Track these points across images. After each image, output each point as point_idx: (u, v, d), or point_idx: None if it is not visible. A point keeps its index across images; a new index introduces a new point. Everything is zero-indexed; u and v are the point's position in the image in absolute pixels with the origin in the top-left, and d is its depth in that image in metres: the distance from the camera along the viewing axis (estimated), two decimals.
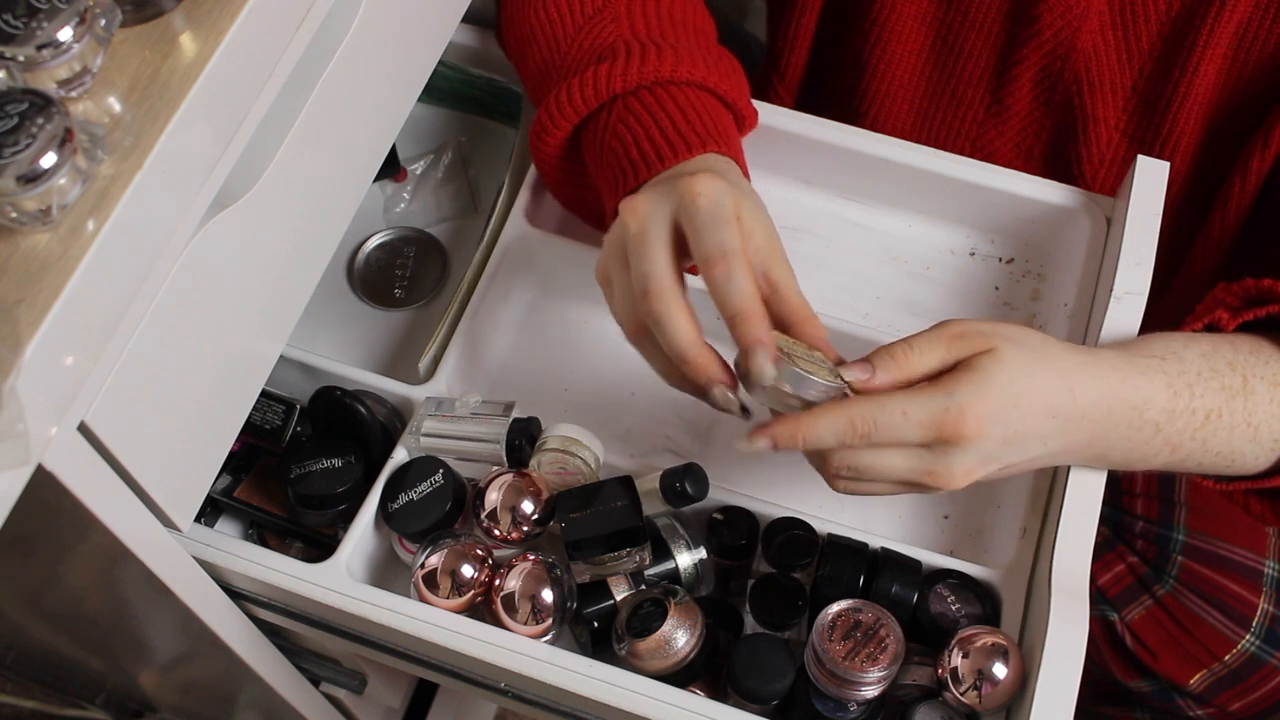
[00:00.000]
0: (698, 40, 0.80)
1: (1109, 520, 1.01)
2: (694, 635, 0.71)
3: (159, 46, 0.56)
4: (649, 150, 0.73)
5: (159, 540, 0.67)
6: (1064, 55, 0.89)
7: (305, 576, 0.74)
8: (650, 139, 0.74)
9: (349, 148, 0.74)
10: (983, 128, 0.97)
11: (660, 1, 0.82)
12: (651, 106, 0.75)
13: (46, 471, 0.54)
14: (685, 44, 0.79)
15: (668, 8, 0.82)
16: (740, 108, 0.79)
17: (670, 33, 0.79)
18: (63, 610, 0.87)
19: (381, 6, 0.70)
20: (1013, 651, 0.70)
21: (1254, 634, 0.95)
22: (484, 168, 1.02)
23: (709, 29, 0.84)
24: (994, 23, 0.91)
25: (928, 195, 0.91)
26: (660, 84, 0.76)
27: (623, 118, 0.75)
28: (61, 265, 0.50)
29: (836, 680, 0.70)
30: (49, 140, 0.50)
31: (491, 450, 0.77)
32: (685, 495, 0.75)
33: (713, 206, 0.65)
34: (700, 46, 0.79)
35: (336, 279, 0.95)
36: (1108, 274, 0.82)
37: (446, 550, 0.74)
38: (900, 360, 0.64)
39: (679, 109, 0.75)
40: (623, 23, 0.79)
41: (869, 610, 0.71)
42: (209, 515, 0.83)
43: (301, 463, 0.80)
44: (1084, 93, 0.91)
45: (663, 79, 0.76)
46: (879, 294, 0.91)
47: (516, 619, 0.73)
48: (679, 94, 0.76)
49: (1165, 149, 0.91)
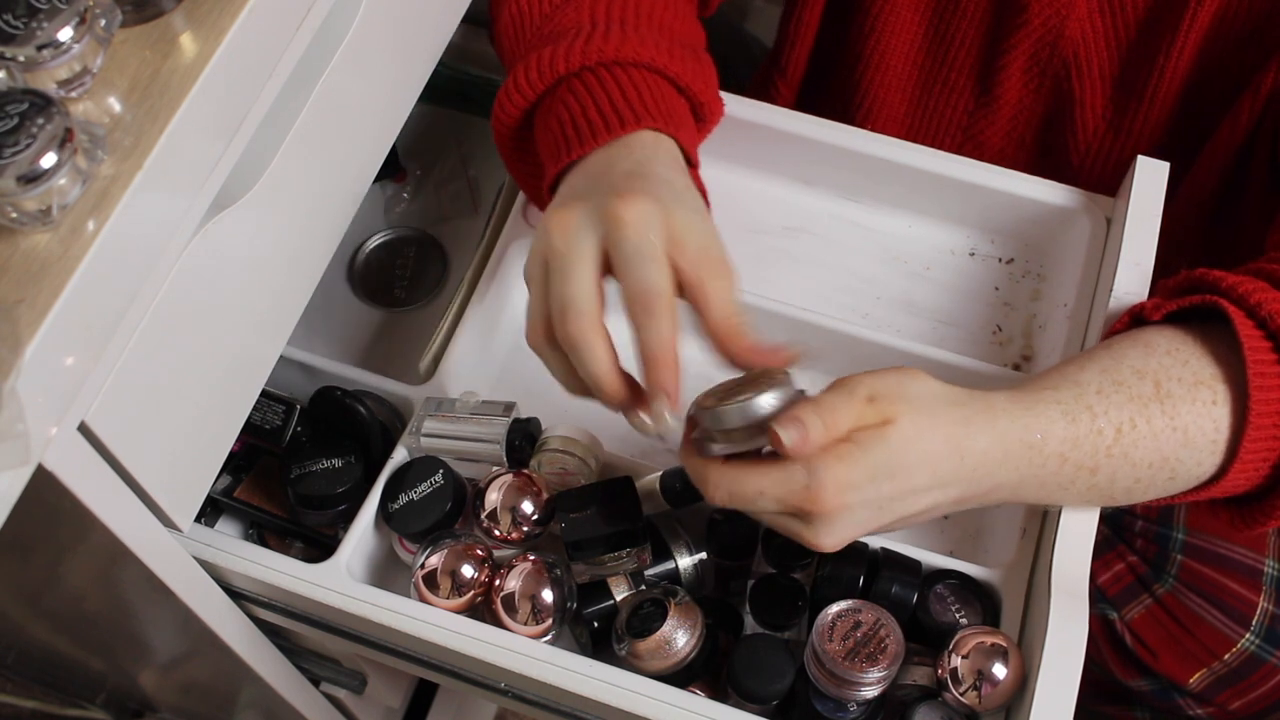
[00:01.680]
0: (662, 32, 0.79)
1: (1108, 519, 1.01)
2: (694, 635, 0.71)
3: (159, 46, 0.56)
4: (584, 126, 0.72)
5: (159, 540, 0.67)
6: (1052, 43, 0.90)
7: (305, 576, 0.74)
8: (586, 116, 0.72)
9: (349, 148, 0.74)
10: (974, 116, 0.97)
11: None
12: (592, 85, 0.74)
13: (46, 471, 0.54)
14: (644, 30, 0.78)
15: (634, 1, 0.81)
16: (695, 92, 0.77)
17: (631, 19, 0.78)
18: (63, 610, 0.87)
19: (381, 6, 0.70)
20: (1012, 651, 0.70)
21: (1254, 633, 0.95)
22: (484, 168, 1.02)
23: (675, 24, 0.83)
24: (984, 11, 0.91)
25: (928, 195, 0.92)
26: (605, 64, 0.74)
27: (563, 97, 0.74)
28: (61, 265, 0.50)
29: (836, 681, 0.70)
30: (49, 140, 0.50)
31: (491, 450, 0.77)
32: (685, 495, 0.75)
33: (638, 239, 0.63)
34: (660, 34, 0.78)
35: (336, 279, 0.95)
36: (1108, 274, 0.82)
37: (446, 550, 0.74)
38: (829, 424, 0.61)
39: (619, 87, 0.73)
40: (584, 10, 0.79)
41: (869, 611, 0.71)
42: (209, 515, 0.83)
43: (301, 463, 0.80)
44: (1072, 79, 0.92)
45: (606, 60, 0.74)
46: (879, 294, 0.91)
47: (516, 619, 0.73)
48: (623, 74, 0.74)
49: (1142, 133, 0.92)
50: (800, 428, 0.60)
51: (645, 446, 0.85)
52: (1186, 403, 0.66)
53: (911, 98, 0.99)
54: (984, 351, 0.88)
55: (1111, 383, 0.66)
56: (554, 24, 0.79)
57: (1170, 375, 0.67)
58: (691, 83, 0.77)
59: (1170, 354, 0.68)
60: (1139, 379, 0.67)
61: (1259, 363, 0.65)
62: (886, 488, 0.62)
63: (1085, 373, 0.67)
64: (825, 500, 0.61)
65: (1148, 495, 0.69)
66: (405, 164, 1.00)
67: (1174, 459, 0.67)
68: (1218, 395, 0.66)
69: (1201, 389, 0.66)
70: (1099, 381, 0.67)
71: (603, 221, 0.64)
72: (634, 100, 0.72)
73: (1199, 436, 0.66)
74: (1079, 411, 0.65)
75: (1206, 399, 0.66)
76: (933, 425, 0.62)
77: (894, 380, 0.63)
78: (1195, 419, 0.66)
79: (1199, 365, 0.67)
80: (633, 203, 0.64)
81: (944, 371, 0.82)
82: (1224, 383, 0.67)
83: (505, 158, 0.82)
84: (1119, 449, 0.66)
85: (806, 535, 0.63)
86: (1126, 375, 0.67)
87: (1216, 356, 0.67)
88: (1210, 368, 0.67)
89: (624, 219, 0.63)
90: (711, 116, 0.81)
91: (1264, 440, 0.66)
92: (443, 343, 0.85)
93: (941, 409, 0.63)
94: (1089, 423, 0.65)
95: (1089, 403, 0.66)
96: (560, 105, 0.74)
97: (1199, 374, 0.67)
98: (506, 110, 0.77)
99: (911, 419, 0.62)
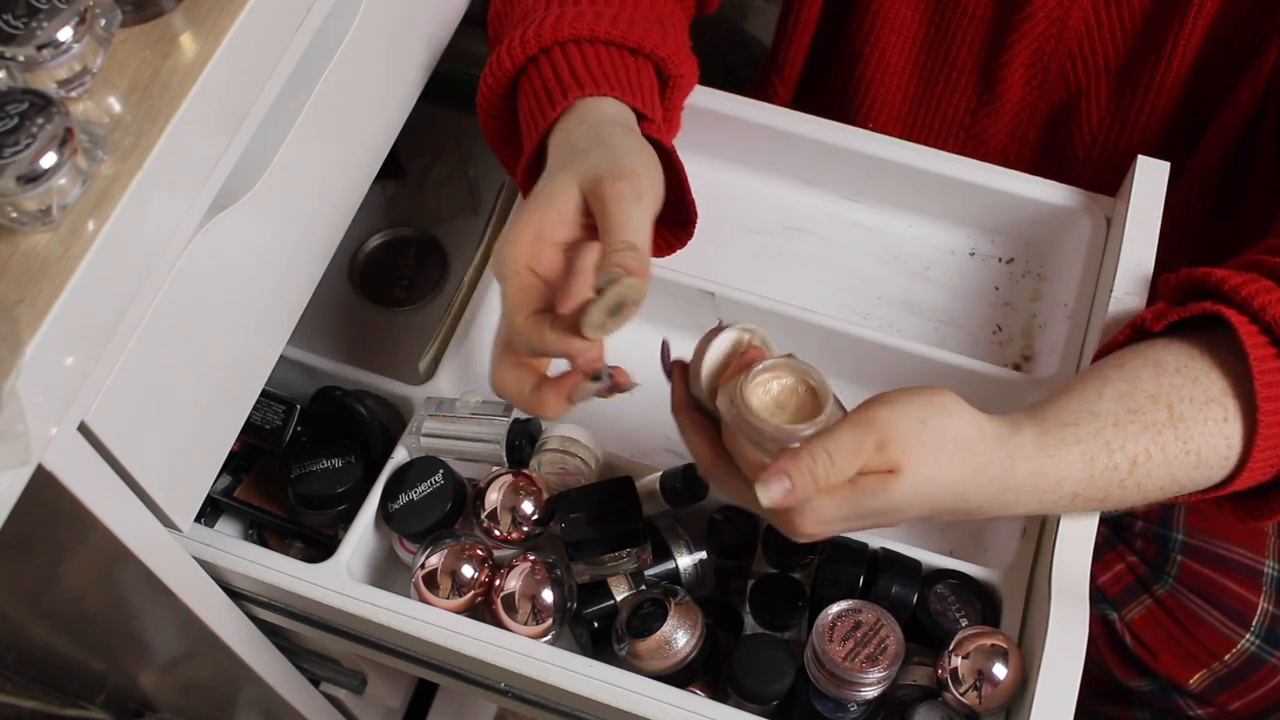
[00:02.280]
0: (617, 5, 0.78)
1: (1108, 520, 1.01)
2: (694, 635, 0.71)
3: (159, 46, 0.56)
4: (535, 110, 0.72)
5: (159, 540, 0.67)
6: (1056, 35, 0.90)
7: (305, 576, 0.73)
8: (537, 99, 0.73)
9: (349, 148, 0.74)
10: (976, 114, 0.97)
11: None
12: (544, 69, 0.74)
13: (46, 471, 0.54)
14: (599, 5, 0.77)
15: None
16: (662, 58, 0.77)
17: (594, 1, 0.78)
18: (63, 610, 0.87)
19: (381, 6, 0.70)
20: (1013, 652, 0.70)
21: (1254, 633, 0.95)
22: (484, 168, 1.02)
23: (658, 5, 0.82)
24: (985, 7, 0.91)
25: (928, 195, 0.92)
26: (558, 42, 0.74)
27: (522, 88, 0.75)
28: (61, 265, 0.50)
29: (836, 681, 0.70)
30: (49, 140, 0.50)
31: (491, 450, 0.77)
32: (685, 495, 0.75)
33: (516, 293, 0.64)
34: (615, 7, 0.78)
35: (337, 279, 0.95)
36: (1108, 274, 0.82)
37: (446, 550, 0.74)
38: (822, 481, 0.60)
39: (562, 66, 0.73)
40: None
41: (869, 611, 0.71)
42: (209, 515, 0.83)
43: (301, 463, 0.80)
44: (1077, 70, 0.92)
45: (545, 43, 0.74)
46: (879, 294, 0.91)
47: (516, 619, 0.73)
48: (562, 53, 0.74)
49: (1147, 123, 0.92)
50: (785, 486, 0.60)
51: (645, 446, 0.85)
52: (1199, 424, 0.66)
53: (912, 96, 0.99)
54: (984, 351, 0.88)
55: (1128, 411, 0.66)
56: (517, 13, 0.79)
57: (1182, 396, 0.66)
58: (656, 48, 0.76)
59: (1180, 372, 0.67)
60: (1153, 405, 0.66)
61: (1265, 372, 0.65)
62: (870, 520, 0.62)
63: (1103, 401, 0.67)
64: (802, 528, 0.61)
65: (1152, 504, 0.70)
66: (405, 164, 1.00)
67: (1185, 480, 0.67)
68: (1229, 411, 0.66)
69: (1213, 407, 0.66)
70: (1116, 412, 0.66)
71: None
72: (565, 75, 0.72)
73: (1211, 455, 0.66)
74: (1097, 451, 0.65)
75: (1218, 416, 0.66)
76: (939, 476, 0.62)
77: (914, 422, 0.62)
78: (1208, 439, 0.66)
79: (1208, 382, 0.67)
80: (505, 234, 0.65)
81: (944, 371, 0.82)
82: (1233, 397, 0.67)
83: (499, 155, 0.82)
84: (1132, 480, 0.66)
85: (782, 530, 0.64)
86: (1142, 402, 0.66)
87: (1224, 369, 0.67)
88: (1219, 382, 0.67)
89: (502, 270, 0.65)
90: (678, 82, 0.80)
91: (1272, 448, 0.66)
92: (443, 343, 0.85)
93: (956, 457, 0.62)
94: (1105, 459, 0.65)
95: (1106, 439, 0.65)
96: (522, 96, 0.75)
97: (1209, 391, 0.67)
98: (480, 118, 0.78)
99: (917, 470, 0.61)
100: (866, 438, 0.61)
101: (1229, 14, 0.86)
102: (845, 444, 0.60)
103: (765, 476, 0.60)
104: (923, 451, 0.61)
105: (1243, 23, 0.86)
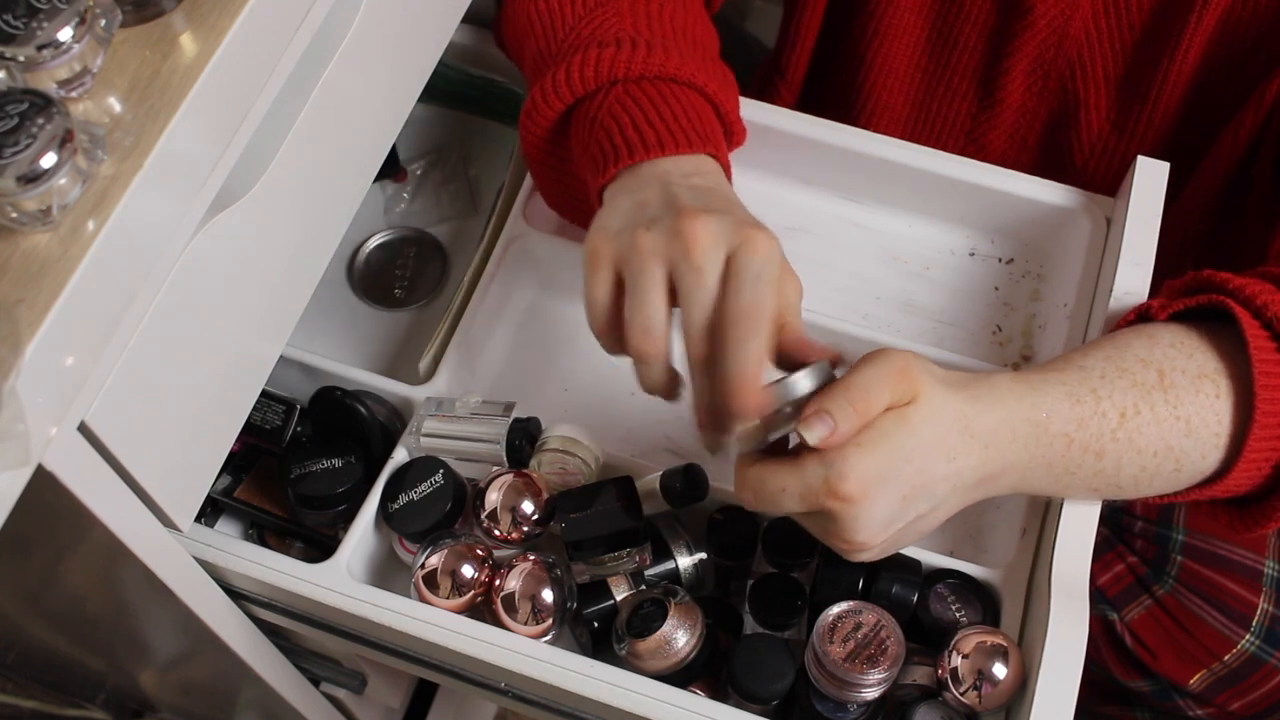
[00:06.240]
0: (695, 49, 0.80)
1: (1108, 520, 1.01)
2: (694, 635, 0.71)
3: (159, 46, 0.56)
4: (648, 134, 0.72)
5: (159, 540, 0.67)
6: (1056, 43, 0.90)
7: (305, 576, 0.74)
8: (650, 124, 0.73)
9: (349, 148, 0.74)
10: (977, 119, 0.97)
11: (663, 6, 0.82)
12: (653, 95, 0.74)
13: (46, 471, 0.54)
14: (685, 49, 0.79)
15: (670, 14, 0.81)
16: (731, 121, 0.79)
17: (671, 37, 0.79)
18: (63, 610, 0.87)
19: (381, 6, 0.70)
20: (1012, 652, 0.70)
21: (1254, 634, 0.95)
22: (484, 168, 1.02)
23: (709, 41, 0.84)
24: (988, 14, 0.91)
25: (927, 195, 0.92)
26: (662, 79, 0.75)
27: (620, 99, 0.74)
28: (61, 265, 0.50)
29: (837, 682, 0.70)
30: (49, 140, 0.49)
31: (491, 450, 0.77)
32: (685, 495, 0.75)
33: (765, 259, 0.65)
34: (698, 55, 0.79)
35: (336, 279, 0.95)
36: (1107, 274, 0.82)
37: (446, 550, 0.74)
38: (861, 410, 0.61)
39: (680, 105, 0.74)
40: (625, 18, 0.79)
41: (869, 612, 0.71)
42: (209, 515, 0.83)
43: (301, 463, 0.80)
44: (1076, 79, 0.92)
45: (666, 74, 0.75)
46: (879, 294, 0.91)
47: (516, 619, 0.73)
48: (679, 92, 0.75)
49: (1146, 134, 0.92)
50: (828, 424, 0.60)
51: (645, 446, 0.85)
52: (1190, 394, 0.67)
53: (913, 101, 0.99)
54: (984, 351, 0.88)
55: (1116, 369, 0.67)
56: (592, 26, 0.79)
57: (1174, 366, 0.67)
58: (730, 110, 0.79)
59: (1174, 346, 0.68)
60: (1143, 367, 0.67)
61: (1265, 361, 0.66)
62: (907, 470, 0.61)
63: (1089, 359, 0.68)
64: (847, 491, 0.60)
65: (1154, 487, 0.69)
66: (405, 164, 1.00)
67: (1178, 448, 0.67)
68: (1221, 390, 0.67)
69: (1205, 382, 0.67)
70: (1103, 367, 0.67)
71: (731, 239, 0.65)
72: (697, 122, 0.74)
73: (1202, 428, 0.67)
74: (1083, 394, 0.66)
75: (1210, 392, 0.67)
76: (945, 404, 0.63)
77: (915, 354, 0.64)
78: (1198, 410, 0.67)
79: (1203, 359, 0.68)
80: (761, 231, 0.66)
81: None
82: (1228, 378, 0.67)
83: (531, 150, 0.81)
84: (1124, 433, 0.66)
85: (841, 535, 0.63)
86: (1131, 363, 0.67)
87: (1221, 353, 0.68)
88: (1214, 363, 0.67)
89: (757, 242, 0.65)
90: (735, 140, 0.82)
91: (1268, 439, 0.67)
92: (443, 343, 0.85)
93: (952, 387, 0.64)
94: (1093, 405, 0.66)
95: (1093, 386, 0.66)
96: (617, 107, 0.74)
97: (1203, 367, 0.67)
98: (551, 103, 0.77)
99: (929, 397, 0.62)
100: (891, 364, 0.62)
101: (1230, 35, 0.85)
102: (871, 374, 0.62)
103: (806, 419, 0.60)
104: (932, 380, 0.63)
105: (1246, 45, 0.85)
